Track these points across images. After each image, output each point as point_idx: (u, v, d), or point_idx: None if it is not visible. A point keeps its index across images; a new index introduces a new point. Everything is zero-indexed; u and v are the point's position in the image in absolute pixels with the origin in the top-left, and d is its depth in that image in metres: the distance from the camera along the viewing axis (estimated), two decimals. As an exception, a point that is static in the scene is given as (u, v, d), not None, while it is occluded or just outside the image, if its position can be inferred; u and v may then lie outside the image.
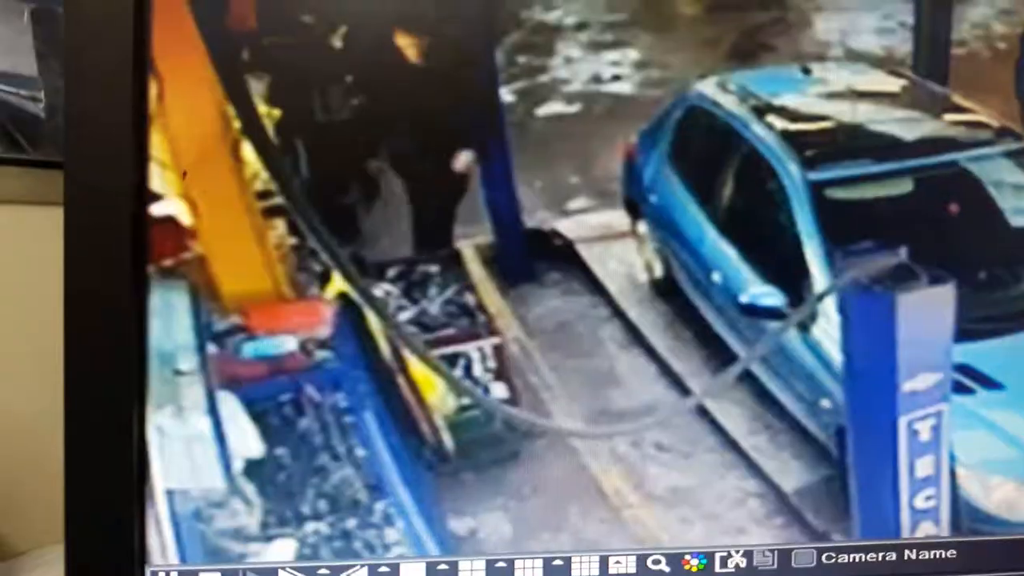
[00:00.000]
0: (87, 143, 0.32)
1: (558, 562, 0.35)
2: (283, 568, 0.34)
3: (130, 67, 0.32)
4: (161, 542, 0.33)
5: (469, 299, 0.35)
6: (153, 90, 0.32)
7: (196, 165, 0.32)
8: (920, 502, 0.37)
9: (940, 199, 0.37)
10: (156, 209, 0.32)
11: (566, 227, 0.35)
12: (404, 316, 0.34)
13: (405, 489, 0.34)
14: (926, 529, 0.37)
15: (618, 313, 0.36)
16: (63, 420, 0.32)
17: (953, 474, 0.37)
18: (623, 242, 0.36)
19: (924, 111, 0.37)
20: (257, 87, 0.32)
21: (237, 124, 0.32)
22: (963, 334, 0.37)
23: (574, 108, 0.35)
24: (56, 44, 0.66)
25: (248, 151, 0.32)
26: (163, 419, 0.33)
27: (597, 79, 0.35)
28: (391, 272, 0.34)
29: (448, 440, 0.34)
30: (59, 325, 0.32)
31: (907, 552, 0.37)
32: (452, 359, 0.34)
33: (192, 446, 0.33)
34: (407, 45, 0.33)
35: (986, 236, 0.38)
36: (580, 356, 0.35)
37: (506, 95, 0.34)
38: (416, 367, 0.34)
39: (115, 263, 0.32)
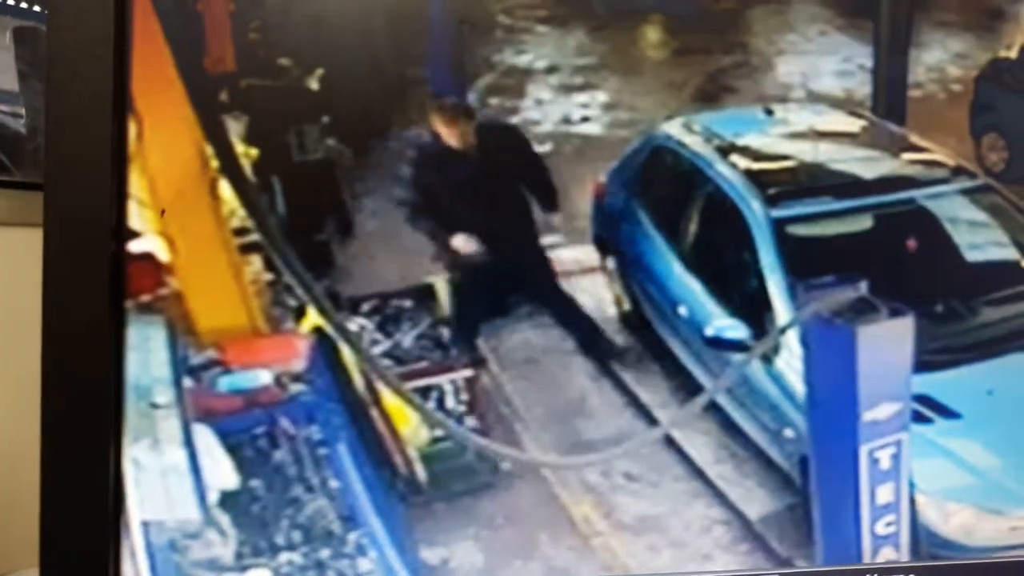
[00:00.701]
0: (67, 182, 0.32)
1: (529, 590, 0.36)
2: (257, 598, 0.34)
3: (110, 106, 0.33)
4: (136, 572, 0.33)
5: (442, 332, 0.35)
6: (132, 129, 0.33)
7: (174, 203, 0.33)
8: (881, 528, 0.38)
9: (899, 235, 0.38)
10: (134, 246, 0.33)
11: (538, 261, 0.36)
12: (378, 349, 0.35)
13: (378, 520, 0.35)
14: (887, 554, 0.38)
15: (588, 346, 0.37)
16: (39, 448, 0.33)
17: (913, 501, 0.38)
18: (593, 277, 0.37)
19: (883, 150, 0.38)
20: (235, 127, 0.33)
21: (215, 163, 0.33)
22: (922, 365, 0.38)
23: (545, 148, 0.36)
24: (38, 64, 0.66)
25: (225, 189, 0.33)
26: (139, 451, 0.33)
27: (567, 120, 0.36)
28: (365, 306, 0.34)
29: (421, 471, 0.35)
30: (39, 348, 0.33)
31: (869, 577, 0.38)
32: (425, 391, 0.35)
33: (168, 478, 0.33)
34: (381, 87, 0.34)
35: (943, 271, 0.39)
36: (551, 388, 0.36)
37: (478, 134, 0.35)
38: (389, 400, 0.35)
39: (93, 298, 0.33)
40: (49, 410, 0.33)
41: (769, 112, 0.37)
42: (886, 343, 0.38)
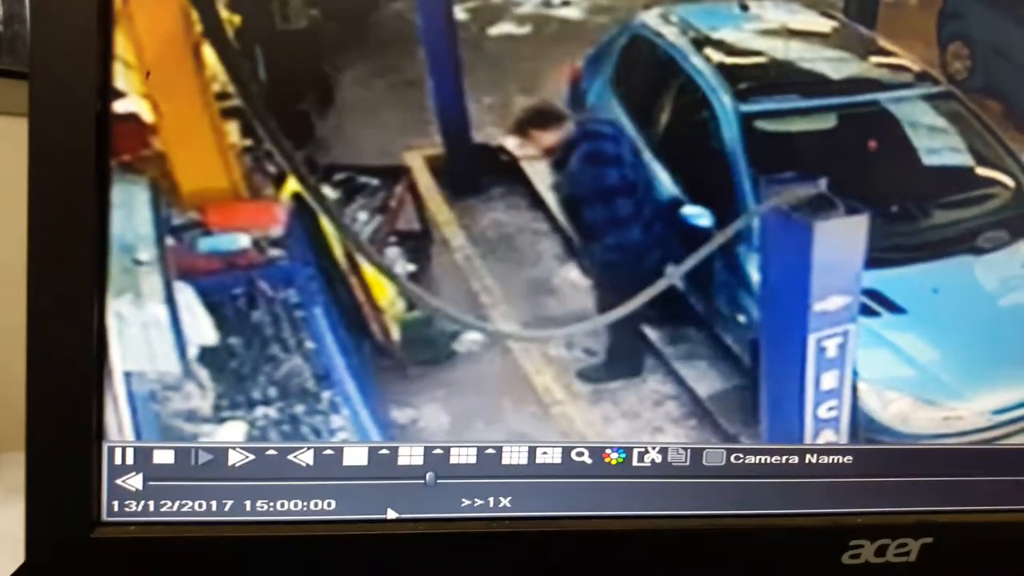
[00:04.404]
0: (53, 43, 0.33)
1: (490, 451, 0.38)
2: (233, 448, 0.36)
3: (95, -35, 0.33)
4: (118, 420, 0.35)
5: (417, 209, 0.37)
6: (117, -11, 0.33)
7: (159, 65, 0.34)
8: (823, 412, 0.41)
9: (861, 136, 0.40)
10: (119, 106, 0.34)
11: (512, 144, 0.37)
12: (356, 219, 0.36)
13: (351, 380, 0.37)
14: (827, 436, 0.41)
15: (557, 228, 0.38)
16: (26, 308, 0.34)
17: (855, 388, 0.41)
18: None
19: (851, 52, 0.39)
20: (219, -8, 0.34)
21: (199, 27, 0.34)
22: (873, 262, 0.40)
23: (524, 30, 0.37)
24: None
25: (209, 54, 0.34)
26: (122, 305, 0.35)
27: (547, 3, 0.37)
28: (342, 176, 0.36)
29: (394, 337, 0.37)
30: (22, 236, 0.34)
31: (808, 456, 0.41)
32: (396, 262, 0.37)
33: (149, 331, 0.35)
34: (366, -41, 0.35)
35: (900, 172, 0.41)
36: (520, 266, 0.38)
37: (459, 13, 0.36)
38: (366, 268, 0.36)
39: (79, 157, 0.34)
40: (36, 265, 0.34)
41: (744, 8, 0.38)
42: (841, 239, 0.40)
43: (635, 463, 0.39)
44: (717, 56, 0.38)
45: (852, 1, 0.39)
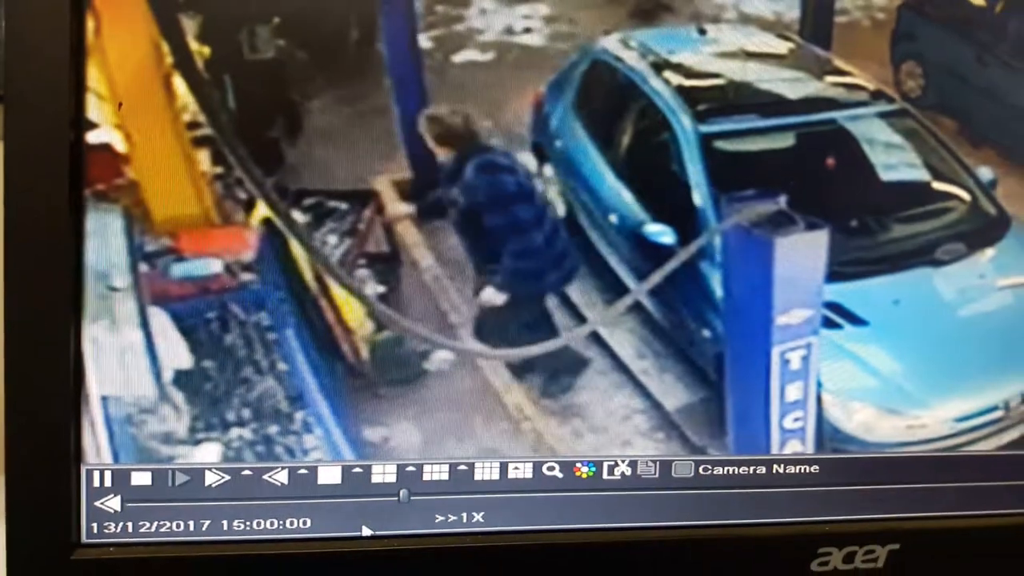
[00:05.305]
0: (27, 75, 0.34)
1: (462, 467, 0.39)
2: (209, 469, 0.37)
3: (68, 3, 0.34)
4: (96, 443, 0.36)
5: (386, 231, 0.38)
6: (90, 24, 0.34)
7: (130, 96, 0.35)
8: (789, 423, 0.42)
9: (819, 153, 0.41)
10: (92, 137, 0.35)
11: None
12: (326, 243, 0.37)
13: (324, 400, 0.37)
14: (793, 447, 0.42)
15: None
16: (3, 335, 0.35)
17: (819, 399, 0.42)
18: (531, 183, 0.39)
19: (808, 72, 0.41)
20: (189, 25, 0.35)
21: (169, 59, 0.35)
22: (834, 275, 0.41)
23: (487, 57, 0.38)
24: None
25: (180, 85, 0.35)
26: (98, 331, 0.35)
27: (509, 31, 0.38)
28: (312, 201, 0.37)
29: (365, 357, 0.38)
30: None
31: (775, 466, 0.42)
32: (365, 283, 0.38)
33: (125, 356, 0.36)
34: (331, -9, 0.36)
35: (858, 188, 0.42)
36: (488, 285, 0.39)
37: (424, 41, 0.37)
38: (336, 290, 0.37)
39: (54, 187, 0.34)
40: (12, 294, 0.35)
41: (702, 31, 0.39)
42: (802, 253, 0.41)
43: (605, 476, 0.40)
44: (676, 79, 0.39)
45: (807, 23, 0.40)
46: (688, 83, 0.39)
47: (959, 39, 0.42)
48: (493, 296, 0.38)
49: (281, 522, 0.38)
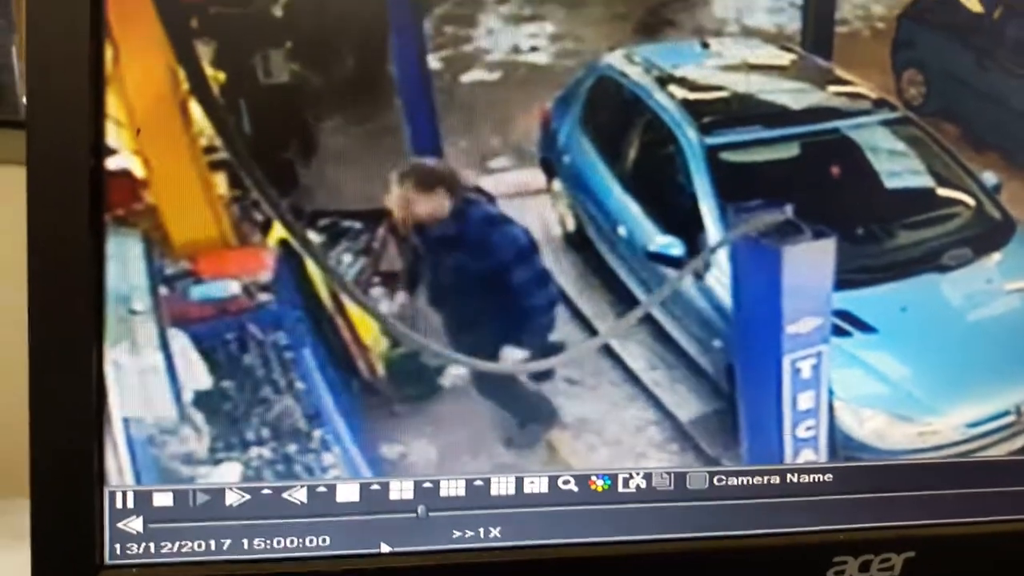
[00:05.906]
0: (48, 103, 0.35)
1: (479, 482, 0.39)
2: (230, 488, 0.37)
3: (87, 33, 0.35)
4: (118, 465, 0.36)
5: (398, 249, 0.38)
6: (109, 53, 0.35)
7: (148, 122, 0.35)
8: (801, 432, 0.42)
9: (823, 162, 0.42)
10: (112, 163, 0.35)
11: (488, 184, 0.39)
12: (341, 262, 0.38)
13: (341, 419, 0.38)
14: (806, 455, 0.42)
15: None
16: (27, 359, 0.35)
17: (831, 407, 0.42)
18: (539, 198, 0.40)
19: (810, 83, 0.41)
20: (205, 52, 0.36)
21: (185, 85, 0.36)
22: (842, 283, 0.42)
23: (495, 76, 0.39)
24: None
25: (196, 110, 0.36)
26: (119, 354, 0.36)
27: (516, 49, 0.39)
28: (327, 221, 0.37)
29: (381, 375, 0.38)
30: (21, 282, 0.35)
31: (789, 476, 0.42)
32: (380, 302, 0.38)
33: (146, 378, 0.36)
34: (343, 15, 0.37)
35: (864, 196, 0.42)
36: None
37: (433, 62, 0.38)
38: (352, 308, 0.38)
39: (75, 212, 0.35)
40: (35, 318, 0.35)
41: (705, 45, 0.40)
42: (809, 262, 0.41)
43: (620, 489, 0.40)
44: (681, 92, 0.40)
45: (808, 34, 0.41)
46: (692, 96, 0.40)
47: (959, 46, 0.42)
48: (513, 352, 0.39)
49: (301, 540, 0.38)
